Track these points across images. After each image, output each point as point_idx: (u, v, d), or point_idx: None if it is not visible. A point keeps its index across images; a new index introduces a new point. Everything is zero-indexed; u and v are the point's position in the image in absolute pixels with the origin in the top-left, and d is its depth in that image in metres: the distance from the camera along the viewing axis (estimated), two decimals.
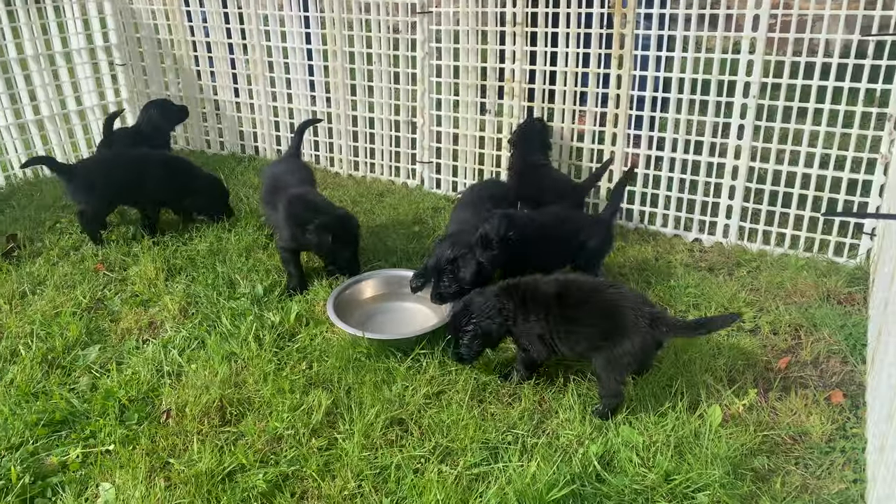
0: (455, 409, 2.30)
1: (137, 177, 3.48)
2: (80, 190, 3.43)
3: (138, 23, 4.78)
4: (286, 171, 3.40)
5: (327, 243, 2.94)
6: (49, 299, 2.98)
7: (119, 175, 3.49)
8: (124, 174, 3.50)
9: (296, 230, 2.97)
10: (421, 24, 3.86)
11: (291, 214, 3.00)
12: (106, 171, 3.52)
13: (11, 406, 2.33)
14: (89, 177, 3.44)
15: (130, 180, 3.48)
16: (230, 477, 2.05)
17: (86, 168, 3.56)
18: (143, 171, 3.50)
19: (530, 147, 3.51)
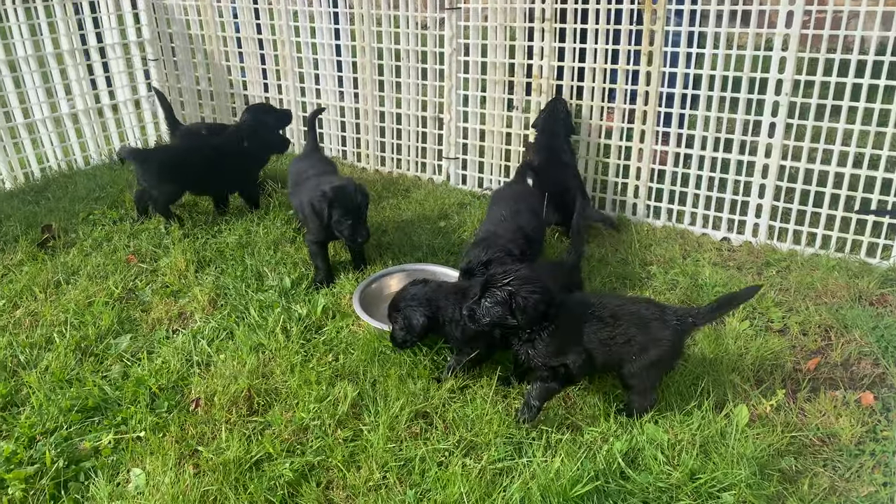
0: (479, 403, 2.30)
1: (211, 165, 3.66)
2: (148, 174, 3.59)
3: (171, 18, 4.84)
4: (310, 165, 3.46)
5: (324, 212, 2.95)
6: (82, 289, 3.04)
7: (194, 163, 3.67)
8: (200, 163, 3.67)
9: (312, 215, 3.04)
10: (449, 20, 3.86)
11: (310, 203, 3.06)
12: (180, 159, 3.70)
13: (46, 392, 2.39)
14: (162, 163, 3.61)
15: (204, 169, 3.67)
16: (257, 465, 2.08)
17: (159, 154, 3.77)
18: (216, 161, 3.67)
19: (555, 134, 3.51)
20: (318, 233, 3.04)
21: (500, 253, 2.63)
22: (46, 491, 2.02)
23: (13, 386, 2.46)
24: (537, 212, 3.09)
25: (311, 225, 3.08)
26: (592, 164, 3.72)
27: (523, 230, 2.84)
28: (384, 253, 3.35)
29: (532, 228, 2.91)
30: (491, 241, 2.72)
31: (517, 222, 2.88)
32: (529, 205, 3.07)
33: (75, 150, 4.61)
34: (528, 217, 2.96)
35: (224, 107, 4.92)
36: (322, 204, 2.94)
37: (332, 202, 2.94)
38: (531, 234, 2.87)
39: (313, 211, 2.98)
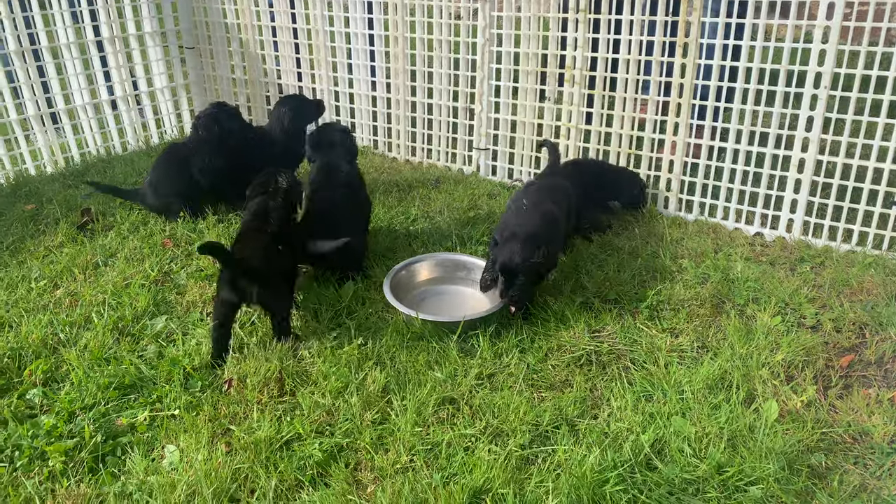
0: (506, 391, 2.32)
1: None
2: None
3: (207, 7, 4.91)
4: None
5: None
6: (120, 271, 3.12)
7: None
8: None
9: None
10: (483, 10, 3.86)
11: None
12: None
13: (85, 369, 2.46)
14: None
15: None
16: (287, 445, 2.12)
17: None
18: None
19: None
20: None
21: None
22: (85, 464, 2.09)
23: (54, 363, 2.54)
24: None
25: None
26: (624, 156, 3.69)
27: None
28: (413, 241, 3.38)
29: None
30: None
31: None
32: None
33: (114, 137, 4.71)
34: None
35: (258, 95, 4.98)
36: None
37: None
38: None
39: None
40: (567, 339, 2.59)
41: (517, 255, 2.60)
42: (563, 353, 2.54)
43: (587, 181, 3.42)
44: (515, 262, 2.60)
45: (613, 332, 2.65)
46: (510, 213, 2.94)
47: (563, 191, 3.12)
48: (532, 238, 2.66)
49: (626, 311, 2.77)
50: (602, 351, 2.54)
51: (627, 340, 2.61)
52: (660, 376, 2.39)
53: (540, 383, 2.40)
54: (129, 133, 4.78)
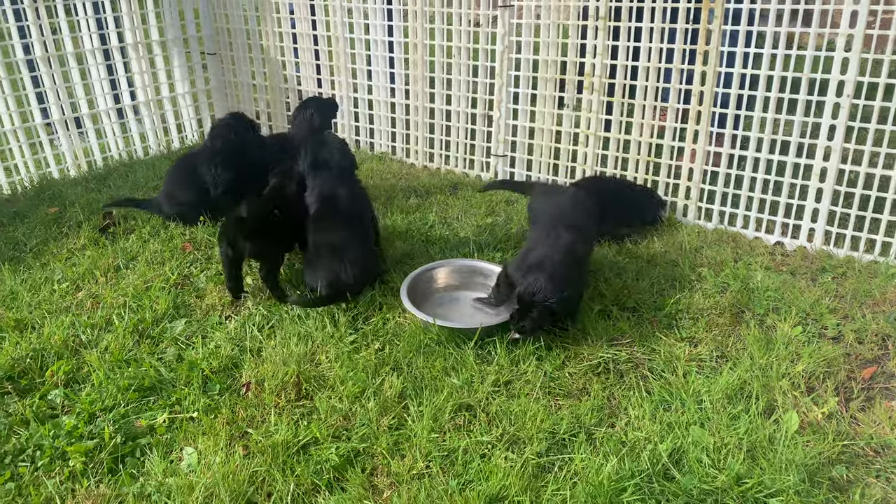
0: (523, 398, 2.32)
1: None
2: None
3: (229, 14, 4.97)
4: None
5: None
6: (140, 274, 3.16)
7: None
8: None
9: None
10: (502, 17, 3.87)
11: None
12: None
13: (106, 371, 2.49)
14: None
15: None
16: (304, 449, 2.13)
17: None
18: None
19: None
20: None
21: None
22: (105, 464, 2.11)
23: (75, 364, 2.57)
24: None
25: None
26: (643, 164, 3.67)
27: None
28: (431, 247, 3.38)
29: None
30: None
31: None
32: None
33: (135, 141, 4.78)
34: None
35: (278, 101, 5.03)
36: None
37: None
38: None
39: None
40: (585, 347, 2.58)
41: (540, 291, 2.48)
42: (580, 360, 2.53)
43: (606, 199, 3.35)
44: (537, 298, 2.48)
45: (631, 340, 2.64)
46: (539, 233, 2.79)
47: (590, 213, 2.98)
48: (559, 278, 2.52)
49: (644, 319, 2.76)
50: (620, 359, 2.53)
51: (646, 349, 2.59)
52: (678, 385, 2.37)
53: (557, 391, 2.39)
54: (151, 137, 4.85)
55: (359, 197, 3.12)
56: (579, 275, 2.71)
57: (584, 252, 2.78)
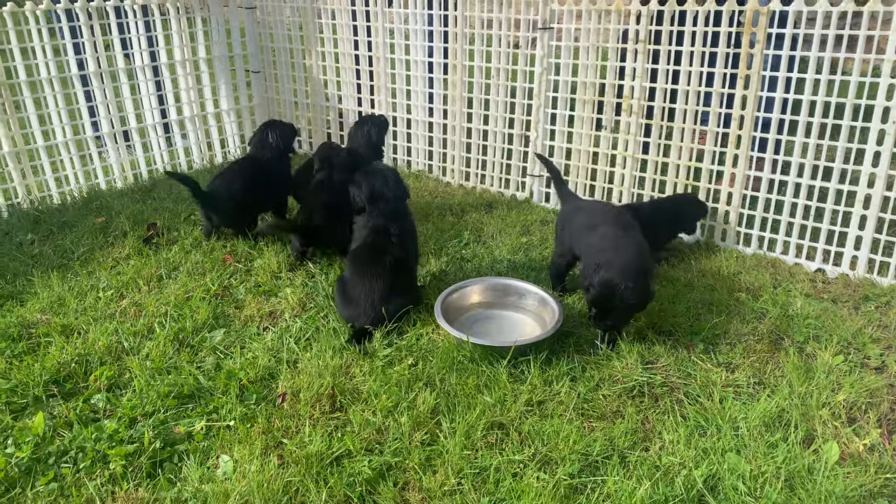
0: (556, 419, 2.31)
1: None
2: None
3: (273, 33, 5.10)
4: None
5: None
6: (182, 284, 3.23)
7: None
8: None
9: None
10: (541, 39, 3.91)
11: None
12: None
13: (147, 377, 2.55)
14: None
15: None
16: (338, 461, 2.15)
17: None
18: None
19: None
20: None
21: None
22: (144, 469, 2.15)
23: (117, 370, 2.64)
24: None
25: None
26: (682, 187, 3.65)
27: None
28: (465, 265, 3.40)
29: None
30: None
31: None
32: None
33: (180, 155, 4.91)
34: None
35: (319, 119, 5.13)
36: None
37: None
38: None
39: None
40: (619, 370, 2.57)
41: (616, 286, 2.55)
42: (614, 383, 2.51)
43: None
44: (617, 293, 2.55)
45: (667, 364, 2.61)
46: (600, 238, 2.83)
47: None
48: (636, 271, 2.61)
49: (680, 343, 2.73)
50: (655, 383, 2.50)
51: (681, 373, 2.56)
52: (714, 411, 2.34)
53: (590, 413, 2.38)
54: (195, 152, 4.98)
55: (409, 233, 3.05)
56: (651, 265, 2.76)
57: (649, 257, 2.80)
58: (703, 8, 3.31)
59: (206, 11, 4.86)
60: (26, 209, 4.13)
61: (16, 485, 2.11)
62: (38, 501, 2.04)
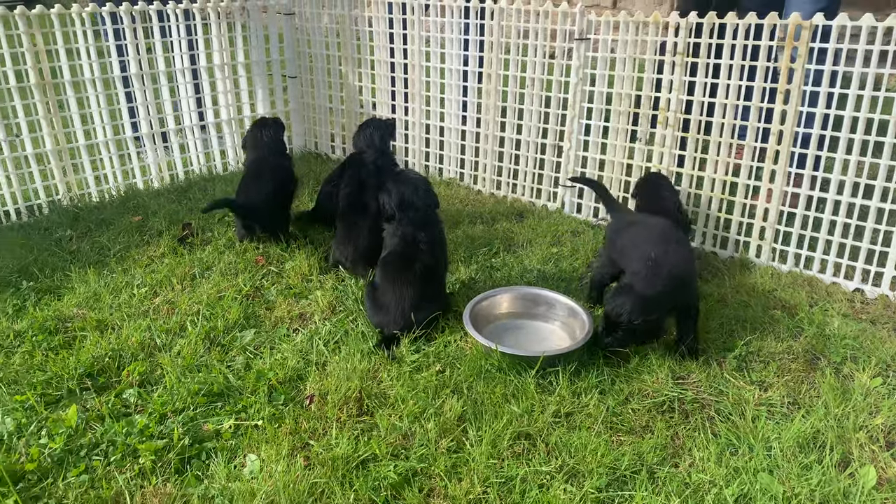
0: (584, 431, 2.28)
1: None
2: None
3: (311, 39, 5.17)
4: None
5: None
6: (214, 283, 3.27)
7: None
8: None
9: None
10: (578, 50, 3.90)
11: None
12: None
13: (178, 374, 2.59)
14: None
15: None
16: (363, 464, 2.15)
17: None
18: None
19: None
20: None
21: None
22: (172, 464, 2.18)
23: (149, 366, 2.68)
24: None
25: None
26: (717, 201, 3.60)
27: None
28: (494, 273, 3.39)
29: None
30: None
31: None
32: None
33: (216, 157, 4.98)
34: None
35: (353, 125, 5.17)
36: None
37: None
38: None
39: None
40: (649, 384, 2.53)
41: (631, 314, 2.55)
42: (644, 397, 2.48)
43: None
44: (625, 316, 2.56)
45: (698, 380, 2.57)
46: (646, 240, 2.82)
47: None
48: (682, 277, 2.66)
49: (712, 359, 2.69)
50: (686, 399, 2.46)
51: (713, 390, 2.52)
52: (746, 430, 2.30)
53: (619, 426, 2.35)
54: (231, 154, 5.05)
55: (439, 241, 3.02)
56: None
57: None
58: (743, 21, 3.27)
59: (245, 17, 4.94)
60: (66, 206, 4.22)
61: (48, 475, 2.14)
62: (70, 492, 2.07)
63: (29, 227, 3.97)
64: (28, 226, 3.99)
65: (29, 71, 4.02)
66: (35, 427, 2.34)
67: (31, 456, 2.19)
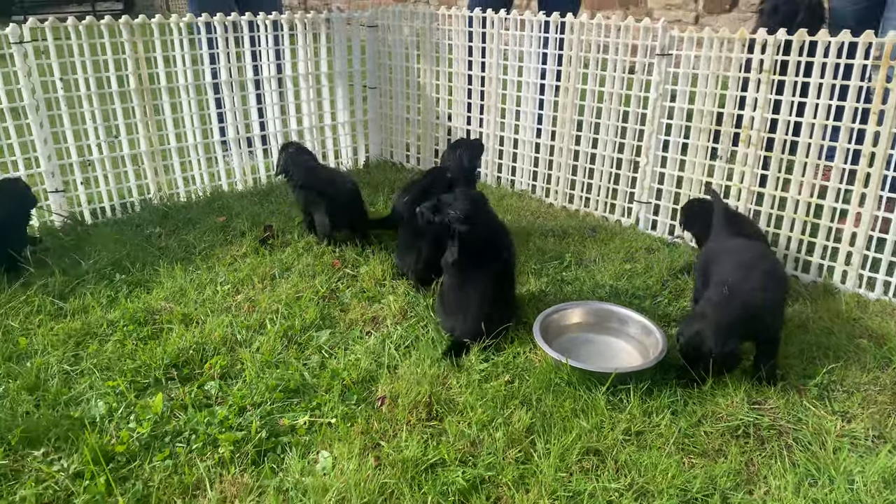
0: (655, 451, 2.25)
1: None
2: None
3: (392, 51, 5.29)
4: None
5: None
6: (293, 284, 3.39)
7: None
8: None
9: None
10: (659, 65, 3.86)
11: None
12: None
13: (257, 370, 2.69)
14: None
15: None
16: (432, 468, 2.18)
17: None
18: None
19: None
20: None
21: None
22: (249, 455, 2.27)
23: (230, 360, 2.79)
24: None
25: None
26: (800, 224, 3.49)
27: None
28: (565, 287, 3.39)
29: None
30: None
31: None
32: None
33: None
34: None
35: (428, 135, 5.26)
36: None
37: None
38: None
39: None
40: (723, 407, 2.47)
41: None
42: (718, 420, 2.43)
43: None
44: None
45: (776, 406, 2.49)
46: (730, 265, 2.76)
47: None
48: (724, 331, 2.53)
49: (791, 386, 2.60)
50: (762, 424, 2.39)
51: (791, 418, 2.44)
52: (827, 461, 2.22)
53: (691, 448, 2.30)
54: None
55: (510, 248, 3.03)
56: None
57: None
58: (836, 39, 3.17)
59: (330, 29, 5.11)
60: (156, 204, 4.45)
61: (136, 458, 2.27)
62: (155, 475, 2.19)
63: (122, 223, 4.21)
64: (122, 222, 4.23)
65: (129, 76, 4.28)
66: (124, 411, 2.48)
67: (121, 439, 2.32)
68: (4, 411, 2.43)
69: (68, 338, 2.93)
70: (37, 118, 4.00)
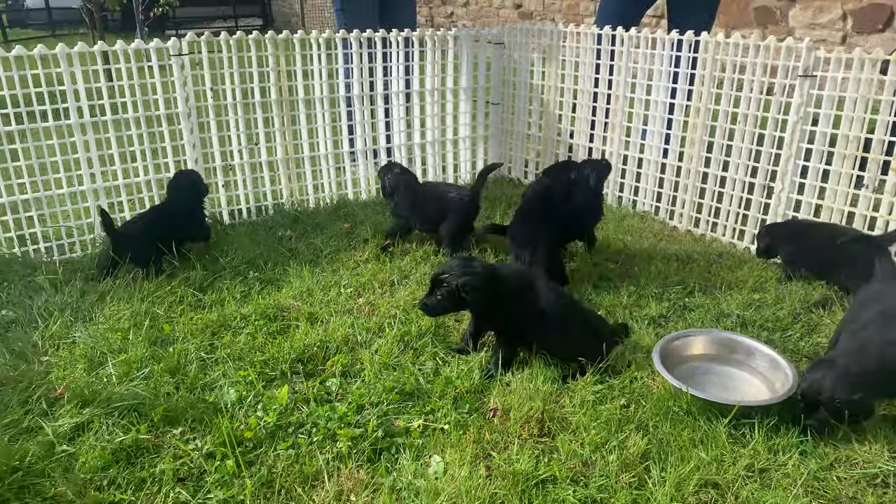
0: (781, 492, 2.13)
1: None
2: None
3: (517, 68, 5.34)
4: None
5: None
6: (411, 291, 3.48)
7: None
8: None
9: None
10: (800, 87, 3.66)
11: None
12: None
13: (375, 371, 2.79)
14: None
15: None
16: (542, 484, 2.18)
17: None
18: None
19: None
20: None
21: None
22: (365, 453, 2.35)
23: (351, 359, 2.91)
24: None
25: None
26: None
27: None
28: (688, 314, 3.27)
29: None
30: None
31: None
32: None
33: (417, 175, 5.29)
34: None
35: (549, 152, 5.26)
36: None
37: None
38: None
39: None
40: (860, 453, 2.30)
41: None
42: (852, 466, 2.26)
43: None
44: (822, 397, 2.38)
45: None
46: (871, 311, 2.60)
47: None
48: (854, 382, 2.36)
49: None
50: None
51: None
52: None
53: (821, 493, 2.16)
54: (430, 173, 5.34)
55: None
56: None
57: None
58: None
59: (458, 46, 5.23)
60: (288, 209, 4.72)
61: (262, 444, 2.41)
62: (279, 463, 2.31)
63: (257, 224, 4.49)
64: (256, 224, 4.52)
65: (271, 88, 4.57)
66: (253, 400, 2.64)
67: (250, 425, 2.48)
68: (149, 390, 2.65)
69: (206, 327, 3.16)
70: (188, 124, 4.36)
